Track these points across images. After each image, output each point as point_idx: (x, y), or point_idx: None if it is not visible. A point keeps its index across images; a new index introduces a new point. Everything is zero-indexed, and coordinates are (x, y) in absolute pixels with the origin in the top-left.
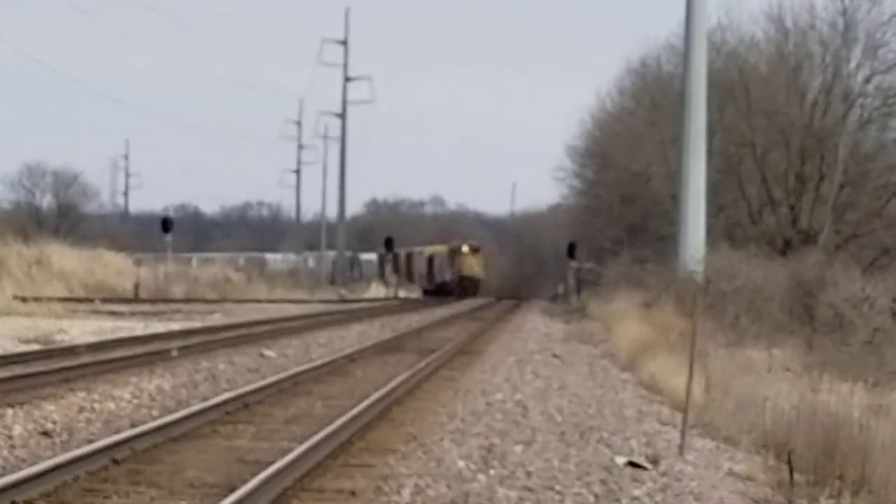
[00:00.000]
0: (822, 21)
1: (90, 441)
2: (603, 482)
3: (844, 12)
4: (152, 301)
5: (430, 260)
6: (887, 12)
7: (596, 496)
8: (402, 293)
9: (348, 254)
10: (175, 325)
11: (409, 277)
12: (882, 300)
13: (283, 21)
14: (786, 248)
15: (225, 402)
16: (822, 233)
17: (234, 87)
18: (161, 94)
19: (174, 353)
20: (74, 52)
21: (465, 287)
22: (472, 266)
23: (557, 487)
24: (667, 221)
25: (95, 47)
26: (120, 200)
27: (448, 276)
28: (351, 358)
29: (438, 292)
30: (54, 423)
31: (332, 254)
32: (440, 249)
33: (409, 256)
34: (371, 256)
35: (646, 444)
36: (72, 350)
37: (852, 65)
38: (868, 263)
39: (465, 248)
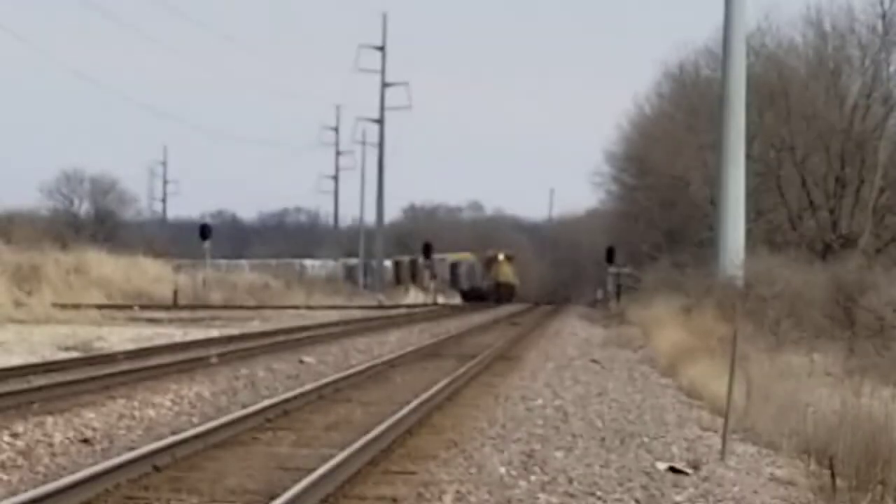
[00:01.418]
0: (861, 24)
1: (131, 448)
2: (644, 488)
3: (884, 16)
4: (191, 308)
5: (469, 267)
6: None
7: (637, 502)
8: (440, 299)
9: (353, 261)
10: (214, 332)
11: (452, 283)
12: None
13: (319, 28)
14: (826, 253)
15: (265, 409)
16: (862, 236)
17: (270, 95)
18: (198, 102)
19: (213, 359)
20: (112, 63)
21: (500, 293)
22: (508, 273)
23: (598, 493)
24: (706, 226)
25: (133, 58)
26: (158, 207)
27: (485, 283)
28: (391, 364)
29: (475, 298)
30: (94, 430)
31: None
32: (476, 257)
33: (449, 264)
34: (386, 262)
35: (686, 449)
36: (111, 357)
37: (892, 68)
38: None
39: (500, 257)
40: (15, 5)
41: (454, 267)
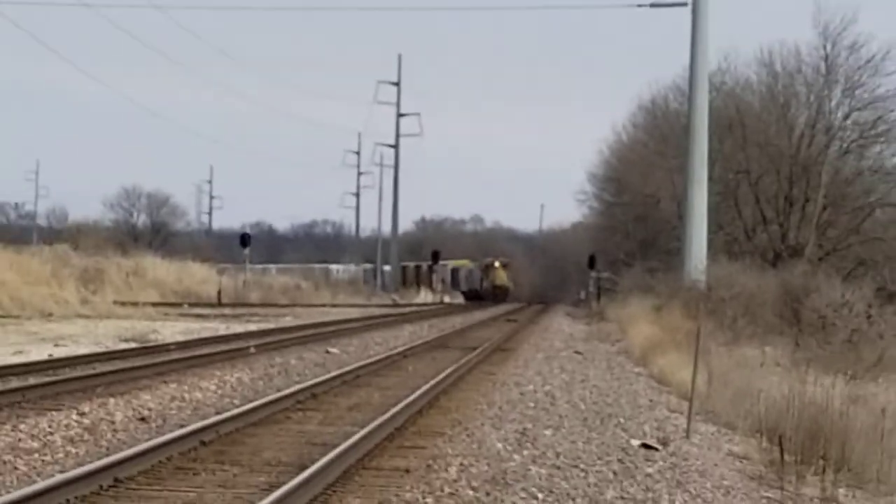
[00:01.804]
0: (807, 65)
1: (181, 426)
2: (620, 461)
3: (826, 58)
4: (232, 305)
5: (468, 272)
6: (863, 58)
7: (615, 473)
8: (447, 299)
9: (369, 266)
10: (252, 326)
11: (453, 286)
12: (859, 305)
13: (344, 66)
14: (776, 261)
15: (296, 393)
16: (807, 247)
17: (302, 123)
18: (240, 129)
19: (252, 350)
20: (168, 97)
21: (496, 294)
22: (503, 277)
23: (582, 466)
24: (674, 237)
25: (186, 92)
26: (204, 219)
27: (483, 285)
28: (404, 354)
29: (475, 298)
30: (150, 410)
31: (386, 267)
32: (475, 263)
33: (450, 269)
34: (386, 267)
35: (657, 428)
36: (164, 347)
37: (833, 103)
38: (847, 273)
39: (496, 264)
40: (87, 51)
41: (455, 272)
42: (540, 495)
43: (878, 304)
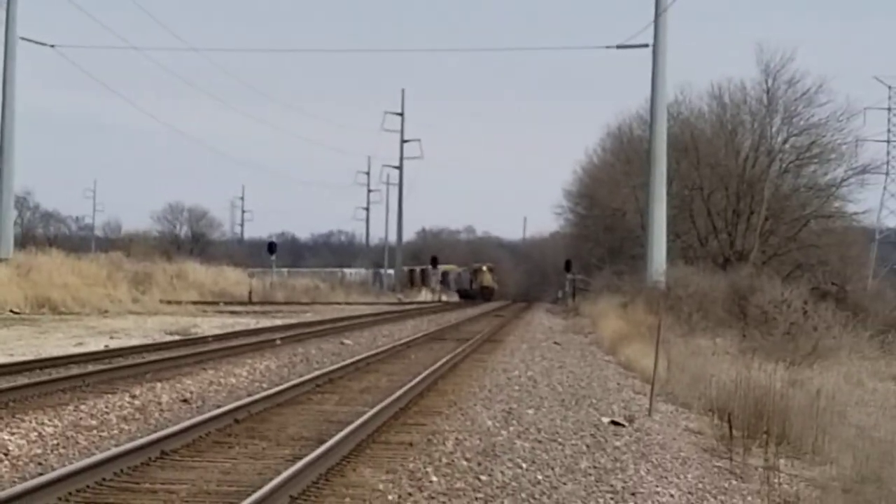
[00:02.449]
0: (751, 97)
1: (218, 406)
2: (593, 436)
3: (768, 91)
4: (261, 303)
5: (457, 275)
6: (799, 91)
7: (588, 446)
8: (444, 297)
9: (378, 269)
10: (278, 321)
11: (448, 286)
12: (796, 302)
13: (355, 98)
14: (725, 264)
15: (316, 378)
16: (752, 253)
17: (321, 148)
18: (268, 153)
19: (278, 341)
20: (205, 123)
21: (484, 294)
22: (489, 280)
23: (559, 440)
24: (638, 245)
25: (220, 120)
26: (237, 230)
27: (472, 286)
28: (407, 345)
29: (466, 297)
30: (192, 393)
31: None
32: (464, 268)
33: (441, 272)
34: (391, 271)
35: (624, 407)
36: (203, 339)
37: (774, 129)
38: (786, 275)
39: (484, 268)
40: (136, 86)
41: (445, 275)
42: (524, 465)
43: (812, 301)
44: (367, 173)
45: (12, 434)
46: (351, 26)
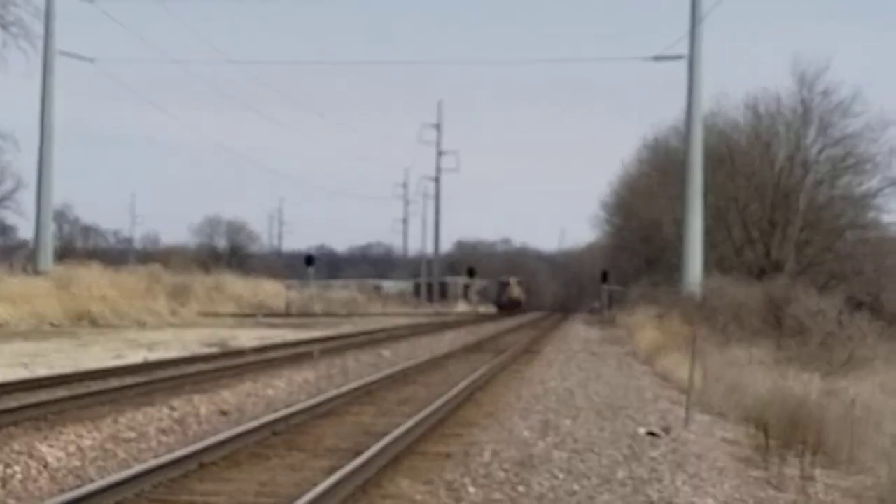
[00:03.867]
0: (786, 108)
1: (256, 418)
2: (629, 446)
3: (803, 102)
4: (299, 316)
5: (484, 287)
6: (834, 102)
7: (624, 456)
8: (481, 309)
9: (415, 281)
10: (316, 333)
11: (484, 298)
12: (832, 312)
13: (393, 111)
14: (761, 275)
15: (353, 390)
16: (787, 263)
17: (358, 161)
18: (306, 166)
19: (316, 353)
20: (245, 138)
21: (512, 305)
22: (516, 292)
23: (596, 450)
24: (674, 255)
25: (258, 132)
26: (275, 242)
27: (502, 298)
28: (445, 356)
29: (501, 308)
30: (230, 405)
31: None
32: (489, 281)
33: (463, 285)
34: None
35: (660, 418)
36: (241, 351)
37: (809, 140)
38: (822, 285)
39: (511, 281)
40: (174, 99)
41: (466, 288)
42: (561, 475)
43: (848, 311)
44: (405, 185)
45: (51, 446)
46: (388, 38)
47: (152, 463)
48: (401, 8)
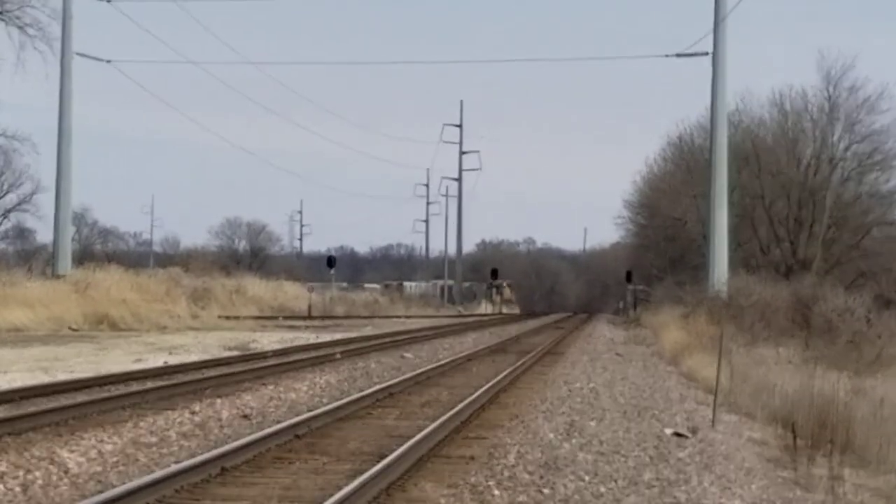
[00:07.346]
0: (812, 105)
1: (278, 422)
2: (656, 448)
3: (829, 98)
4: (321, 318)
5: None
6: (861, 98)
7: (651, 458)
8: (504, 310)
9: (438, 282)
10: (338, 336)
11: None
12: (859, 310)
13: (414, 110)
14: (788, 273)
15: (376, 392)
16: (814, 261)
17: (379, 162)
18: (326, 167)
19: (338, 356)
20: (263, 139)
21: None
22: (507, 295)
23: (622, 452)
24: (699, 254)
25: (278, 134)
26: (296, 244)
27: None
28: (468, 358)
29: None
30: (251, 409)
31: (451, 282)
32: (471, 283)
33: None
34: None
35: (686, 418)
36: (262, 355)
37: (835, 137)
38: (849, 283)
39: (504, 283)
40: (194, 101)
41: (490, 289)
42: (587, 477)
43: (876, 309)
44: (427, 186)
45: (72, 452)
46: (409, 38)
47: (174, 468)
48: (422, 8)
